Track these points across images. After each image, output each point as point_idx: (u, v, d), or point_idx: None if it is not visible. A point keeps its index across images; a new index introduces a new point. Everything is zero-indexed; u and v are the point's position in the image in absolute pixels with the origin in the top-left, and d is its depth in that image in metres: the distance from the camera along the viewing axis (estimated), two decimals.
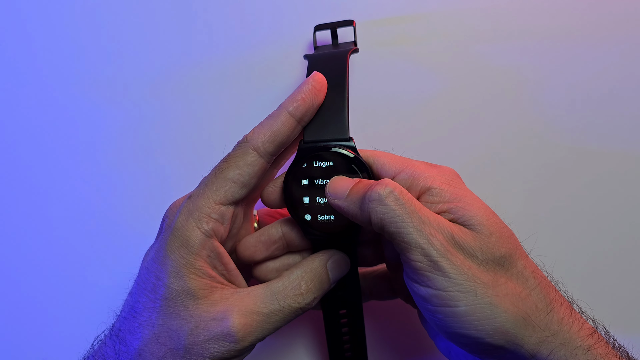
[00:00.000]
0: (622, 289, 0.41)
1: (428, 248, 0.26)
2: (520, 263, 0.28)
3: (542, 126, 0.41)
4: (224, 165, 0.30)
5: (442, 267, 0.26)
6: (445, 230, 0.27)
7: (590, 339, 0.27)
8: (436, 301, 0.26)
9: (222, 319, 0.28)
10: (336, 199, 0.29)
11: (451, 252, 0.26)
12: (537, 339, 0.26)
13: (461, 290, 0.26)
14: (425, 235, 0.26)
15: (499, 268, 0.27)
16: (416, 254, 0.26)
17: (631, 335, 0.39)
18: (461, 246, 0.27)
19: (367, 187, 0.28)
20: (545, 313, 0.27)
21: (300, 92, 0.30)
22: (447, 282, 0.26)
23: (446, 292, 0.26)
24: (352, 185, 0.29)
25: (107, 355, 0.30)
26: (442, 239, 0.26)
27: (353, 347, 0.37)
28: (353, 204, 0.28)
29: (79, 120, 0.43)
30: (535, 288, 0.27)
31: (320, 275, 0.31)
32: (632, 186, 0.41)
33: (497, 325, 0.25)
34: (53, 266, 0.43)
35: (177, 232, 0.29)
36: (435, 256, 0.26)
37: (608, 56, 0.41)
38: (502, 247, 0.27)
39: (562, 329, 0.27)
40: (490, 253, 0.27)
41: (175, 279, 0.29)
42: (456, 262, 0.26)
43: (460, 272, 0.26)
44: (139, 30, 0.42)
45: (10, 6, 0.43)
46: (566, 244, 0.41)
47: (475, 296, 0.26)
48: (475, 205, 0.28)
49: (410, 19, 0.41)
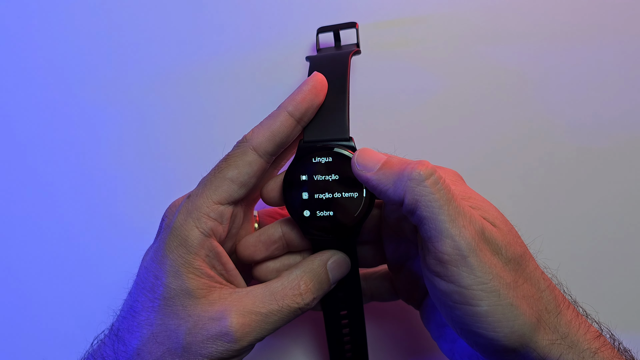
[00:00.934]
0: (626, 291, 0.41)
1: (459, 240, 0.25)
2: (532, 264, 0.27)
3: (543, 126, 0.41)
4: (223, 165, 0.30)
5: (470, 262, 0.25)
6: (477, 223, 0.26)
7: (597, 342, 0.26)
8: (457, 298, 0.25)
9: (220, 318, 0.28)
10: (366, 169, 0.28)
11: (480, 248, 0.25)
12: (548, 341, 0.26)
13: (485, 289, 0.25)
14: (459, 226, 0.25)
15: (517, 267, 0.26)
16: (446, 245, 0.25)
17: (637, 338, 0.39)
18: (489, 241, 0.26)
19: (404, 164, 0.27)
20: (554, 315, 0.26)
21: (300, 92, 0.30)
22: (472, 280, 0.25)
23: (469, 290, 0.25)
24: (386, 159, 0.28)
25: (106, 354, 0.30)
26: (474, 232, 0.25)
27: (354, 348, 0.37)
28: (386, 178, 0.27)
29: (79, 119, 0.43)
30: (545, 290, 0.27)
31: (319, 275, 0.31)
32: (636, 186, 0.41)
33: (515, 327, 0.25)
34: (52, 266, 0.43)
35: (176, 231, 0.29)
36: (465, 250, 0.25)
37: (609, 56, 0.40)
38: (519, 247, 0.27)
39: (570, 331, 0.26)
40: (512, 251, 0.26)
41: (173, 278, 0.29)
42: (484, 258, 0.25)
43: (487, 270, 0.25)
44: (140, 31, 0.42)
45: (11, 6, 0.43)
46: (570, 246, 0.41)
47: (498, 297, 0.25)
48: (487, 203, 0.28)
49: (411, 21, 0.41)
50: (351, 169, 0.30)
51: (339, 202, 0.31)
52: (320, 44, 0.39)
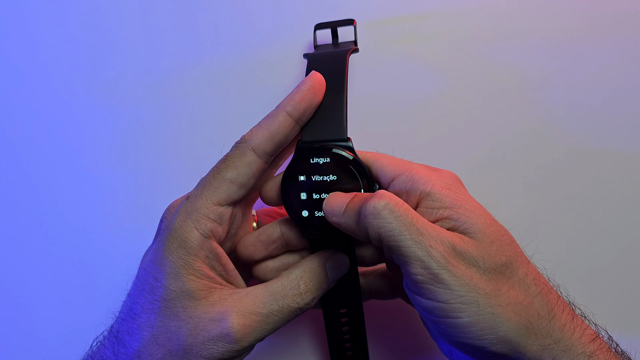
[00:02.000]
0: (624, 293, 0.41)
1: (428, 260, 0.25)
2: (521, 270, 0.28)
3: (544, 126, 0.41)
4: (221, 166, 0.30)
5: (443, 279, 0.25)
6: (445, 240, 0.26)
7: (592, 345, 0.27)
8: (438, 312, 0.26)
9: (220, 319, 0.28)
10: (333, 215, 0.29)
11: (452, 263, 0.26)
12: (540, 346, 0.26)
13: (463, 301, 0.25)
14: (425, 247, 0.26)
15: (500, 276, 0.27)
16: (416, 267, 0.26)
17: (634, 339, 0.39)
18: (463, 255, 0.26)
19: (363, 201, 0.27)
20: (547, 320, 0.26)
21: (299, 92, 0.30)
22: (449, 295, 0.25)
23: (448, 304, 0.26)
24: (349, 201, 0.29)
25: (105, 356, 0.30)
26: (443, 250, 0.26)
27: (354, 346, 0.37)
28: (350, 219, 0.28)
29: (79, 120, 0.43)
30: (537, 295, 0.27)
31: (319, 275, 0.31)
32: (634, 187, 0.41)
33: (500, 334, 0.25)
34: (51, 267, 0.43)
35: (175, 233, 0.29)
36: (436, 269, 0.25)
37: (609, 56, 0.40)
38: (503, 255, 0.27)
39: (564, 335, 0.26)
40: (491, 261, 0.27)
41: (173, 280, 0.28)
42: (457, 272, 0.26)
43: (462, 283, 0.25)
44: (138, 31, 0.42)
45: (12, 7, 0.43)
46: (568, 247, 0.41)
47: (478, 307, 0.25)
48: (476, 212, 0.28)
49: (411, 18, 0.41)
50: (349, 169, 0.30)
51: None
52: (317, 41, 0.39)
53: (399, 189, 0.30)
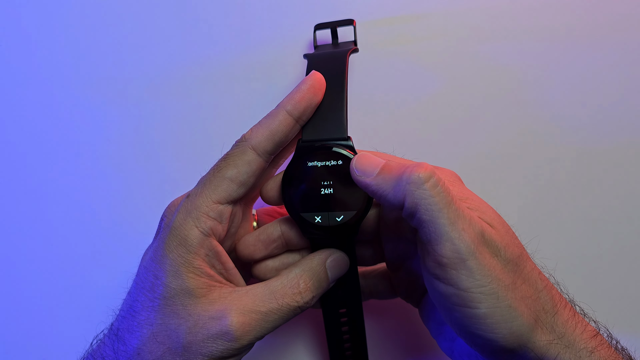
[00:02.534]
0: (624, 290, 0.41)
1: (459, 244, 0.25)
2: (529, 264, 0.27)
3: (542, 126, 0.41)
4: (222, 164, 0.30)
5: (469, 265, 0.25)
6: (477, 226, 0.26)
7: (594, 341, 0.27)
8: (456, 300, 0.26)
9: (220, 317, 0.28)
10: (364, 175, 0.28)
11: (480, 251, 0.25)
12: (545, 342, 0.26)
13: (484, 292, 0.25)
14: (458, 229, 0.25)
15: (516, 268, 0.26)
16: (445, 249, 0.25)
17: (634, 337, 0.39)
18: (489, 243, 0.26)
19: (404, 167, 0.26)
20: (551, 315, 0.26)
21: (299, 91, 0.30)
22: (472, 283, 0.25)
23: (468, 293, 0.25)
24: (384, 163, 0.28)
25: (105, 354, 0.30)
26: (474, 235, 0.25)
27: (353, 346, 0.37)
28: (385, 182, 0.27)
29: (79, 119, 0.43)
30: (543, 290, 0.27)
31: (318, 274, 0.31)
32: (634, 186, 0.41)
33: (514, 329, 0.25)
34: (52, 266, 0.43)
35: (175, 231, 0.29)
36: (465, 253, 0.25)
37: (608, 55, 0.40)
38: (516, 247, 0.27)
39: (567, 331, 0.26)
40: (510, 252, 0.26)
41: (173, 277, 0.29)
42: (483, 261, 0.25)
43: (486, 273, 0.25)
44: (138, 30, 0.42)
45: (10, 6, 0.43)
46: (568, 245, 0.41)
47: (497, 299, 0.25)
48: (484, 204, 0.28)
49: (410, 18, 0.41)
50: (349, 169, 0.30)
51: (337, 201, 0.31)
52: (317, 41, 0.39)
53: None
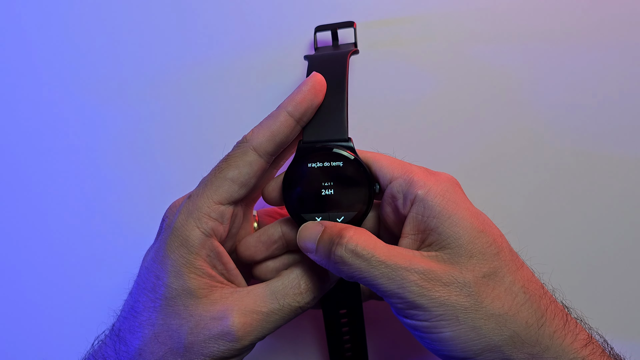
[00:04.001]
0: (620, 296, 0.41)
1: (402, 293, 0.27)
2: (508, 279, 0.27)
3: (540, 128, 0.41)
4: (223, 165, 0.30)
5: (420, 305, 0.26)
6: (419, 268, 0.27)
7: (585, 350, 0.27)
8: (422, 329, 0.27)
9: (221, 318, 0.28)
10: (308, 252, 0.30)
11: (428, 288, 0.26)
12: (528, 354, 0.26)
13: (443, 318, 0.26)
14: (398, 281, 0.27)
15: (483, 287, 0.27)
16: (393, 299, 0.27)
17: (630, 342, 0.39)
18: (439, 278, 0.27)
19: (330, 244, 0.28)
20: (536, 328, 0.27)
21: (300, 92, 0.30)
22: (429, 315, 0.27)
23: (429, 322, 0.27)
24: (319, 238, 0.29)
25: (107, 354, 0.30)
26: (417, 278, 0.27)
27: (353, 347, 0.37)
28: (323, 261, 0.29)
29: (78, 120, 0.43)
30: (525, 303, 0.27)
31: (319, 274, 0.31)
32: (631, 190, 0.41)
33: (483, 345, 0.26)
34: (53, 267, 0.43)
35: (177, 231, 0.29)
36: (411, 298, 0.26)
37: (606, 57, 0.41)
38: (485, 266, 0.27)
39: (554, 342, 0.27)
40: (471, 275, 0.27)
41: (175, 278, 0.29)
42: (434, 295, 0.26)
43: (439, 303, 0.26)
44: (138, 31, 0.42)
45: (9, 6, 0.43)
46: (564, 250, 0.41)
47: (458, 321, 0.26)
48: (464, 222, 0.28)
49: (410, 20, 0.41)
50: (349, 171, 0.30)
51: (338, 202, 0.31)
52: (317, 43, 0.39)
53: (396, 191, 0.30)
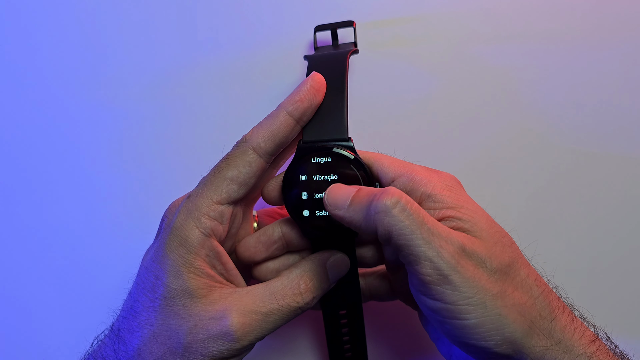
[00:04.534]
0: (623, 294, 0.41)
1: (438, 261, 0.25)
2: (523, 271, 0.28)
3: (542, 128, 0.41)
4: (222, 165, 0.30)
5: (452, 280, 0.25)
6: (455, 240, 0.26)
7: (592, 347, 0.27)
8: (445, 314, 0.26)
9: (220, 318, 0.28)
10: (336, 208, 0.28)
11: (461, 264, 0.26)
12: (542, 347, 0.26)
13: (471, 303, 0.25)
14: (435, 247, 0.25)
15: (505, 277, 0.27)
16: (426, 267, 0.25)
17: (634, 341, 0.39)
18: (471, 256, 0.26)
19: (371, 196, 0.27)
20: (548, 321, 0.27)
21: (299, 92, 0.30)
22: (457, 296, 0.25)
23: (455, 306, 0.25)
24: (354, 194, 0.28)
25: (106, 354, 0.30)
26: (453, 250, 0.26)
27: (353, 347, 0.37)
28: (356, 213, 0.27)
29: (79, 120, 0.43)
30: (539, 296, 0.27)
31: (319, 274, 0.31)
32: (633, 189, 0.41)
33: (505, 335, 0.25)
34: (52, 266, 0.43)
35: (176, 231, 0.29)
36: (446, 270, 0.25)
37: (607, 58, 0.41)
38: (506, 255, 0.27)
39: (565, 337, 0.27)
40: (497, 262, 0.27)
41: (174, 278, 0.29)
42: (466, 274, 0.25)
43: (471, 285, 0.25)
44: (139, 31, 0.42)
45: (11, 6, 0.43)
46: (568, 249, 0.41)
47: (485, 308, 0.25)
48: (478, 212, 0.28)
49: (410, 20, 0.41)
50: (350, 169, 0.30)
51: None
52: (317, 42, 0.39)
53: (400, 189, 0.30)
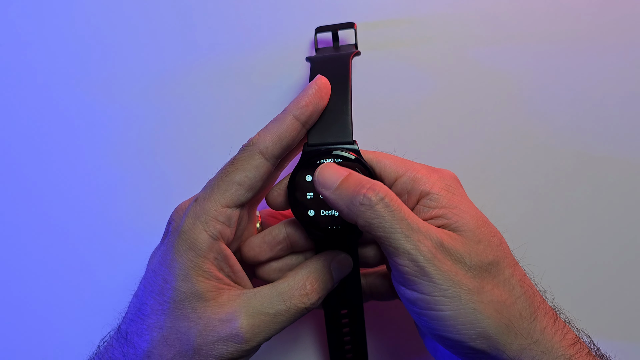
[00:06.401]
0: (609, 298, 0.42)
1: (415, 254, 0.26)
2: (507, 271, 0.28)
3: (539, 129, 0.41)
4: (230, 169, 0.30)
5: (428, 272, 0.26)
6: (434, 236, 0.27)
7: (572, 349, 0.28)
8: (422, 304, 0.27)
9: (230, 320, 0.28)
10: (324, 188, 0.29)
11: (438, 258, 0.27)
12: (519, 345, 0.27)
13: (446, 295, 0.26)
14: (413, 241, 0.27)
15: (485, 274, 0.28)
16: (403, 259, 0.27)
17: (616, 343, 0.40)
18: (449, 252, 0.27)
19: (358, 186, 0.28)
20: (528, 321, 0.27)
21: (305, 96, 0.30)
22: (433, 287, 0.26)
23: (431, 297, 0.27)
24: (343, 178, 0.29)
25: (114, 357, 0.30)
26: (430, 245, 0.27)
27: (354, 347, 0.38)
28: (341, 199, 0.28)
29: (82, 120, 0.42)
30: (521, 296, 0.28)
31: (324, 275, 0.32)
32: (627, 193, 0.41)
33: (480, 330, 0.26)
34: (56, 267, 0.42)
35: (185, 235, 0.29)
36: (422, 262, 0.26)
37: (605, 59, 0.41)
38: (490, 254, 0.28)
39: (544, 337, 0.27)
40: (477, 259, 0.28)
41: (183, 281, 0.29)
42: (443, 268, 0.27)
43: (446, 278, 0.26)
44: (140, 31, 0.42)
45: (10, 5, 0.42)
46: (557, 253, 0.42)
47: (460, 302, 0.26)
48: (469, 212, 0.29)
49: (409, 21, 0.41)
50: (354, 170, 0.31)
51: None
52: (318, 43, 0.39)
53: (401, 189, 0.31)
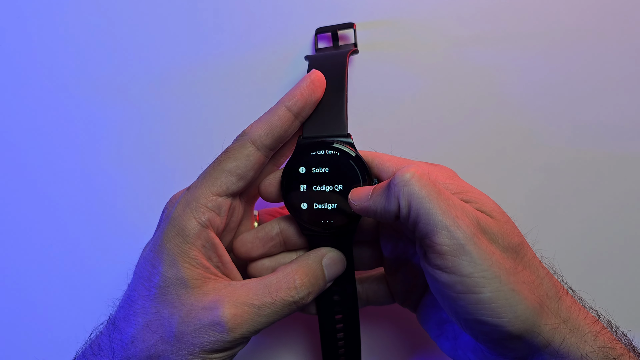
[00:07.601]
0: (620, 283, 0.40)
1: (455, 230, 0.25)
2: (529, 253, 0.28)
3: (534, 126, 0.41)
4: (221, 158, 0.31)
5: (468, 250, 0.25)
6: (471, 213, 0.27)
7: (596, 326, 0.27)
8: (459, 288, 0.25)
9: (212, 308, 0.28)
10: (360, 201, 0.29)
11: (477, 236, 0.26)
12: (551, 326, 0.26)
13: (486, 276, 0.25)
14: (452, 217, 0.26)
15: (515, 255, 0.27)
16: (442, 237, 0.25)
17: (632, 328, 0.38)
18: (485, 230, 0.26)
19: (389, 180, 0.28)
20: (555, 301, 0.27)
21: (298, 88, 0.31)
22: (473, 267, 0.25)
23: (470, 278, 0.25)
24: (373, 188, 0.29)
25: (102, 343, 0.30)
26: (469, 221, 0.26)
27: (347, 352, 0.37)
28: (378, 198, 0.28)
29: (80, 118, 0.43)
30: (545, 277, 0.27)
31: (315, 271, 0.31)
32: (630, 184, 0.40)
33: (518, 312, 0.25)
34: (53, 262, 0.43)
35: (174, 221, 0.30)
36: (462, 239, 0.25)
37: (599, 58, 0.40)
38: (516, 235, 0.28)
39: (571, 316, 0.27)
40: (508, 240, 0.27)
41: (169, 267, 0.29)
42: (482, 246, 0.25)
43: (486, 257, 0.25)
44: (140, 30, 0.43)
45: (10, 5, 0.43)
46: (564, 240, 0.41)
47: (500, 282, 0.25)
48: (484, 195, 0.29)
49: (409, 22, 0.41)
50: (348, 164, 0.31)
51: (336, 195, 0.31)
52: (318, 44, 0.40)
53: None
